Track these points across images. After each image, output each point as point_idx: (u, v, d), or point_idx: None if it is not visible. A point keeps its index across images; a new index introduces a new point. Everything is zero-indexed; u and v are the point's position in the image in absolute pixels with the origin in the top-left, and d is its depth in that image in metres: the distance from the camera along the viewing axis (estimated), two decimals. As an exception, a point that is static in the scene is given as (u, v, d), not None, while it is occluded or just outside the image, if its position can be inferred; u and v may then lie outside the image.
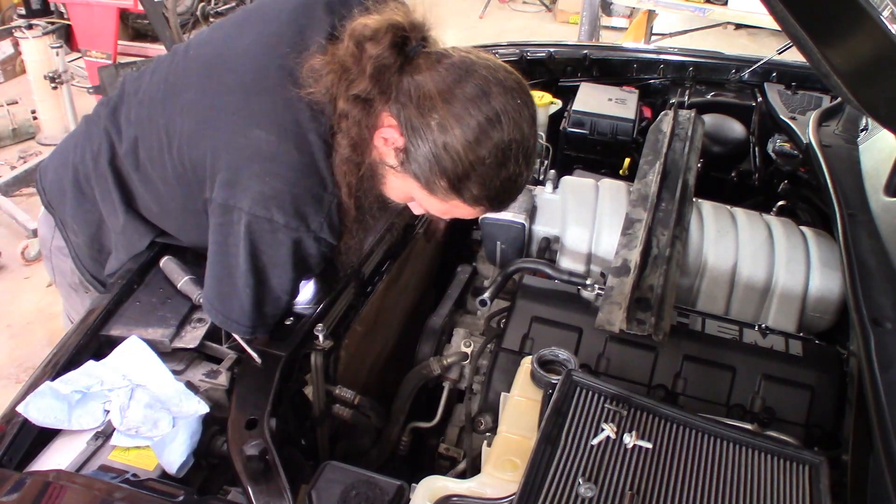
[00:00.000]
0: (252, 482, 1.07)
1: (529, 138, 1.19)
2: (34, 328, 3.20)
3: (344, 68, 1.17)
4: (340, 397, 1.41)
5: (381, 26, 1.15)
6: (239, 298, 1.26)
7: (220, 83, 1.26)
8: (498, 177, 1.18)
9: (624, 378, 1.47)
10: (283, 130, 1.21)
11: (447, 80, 1.15)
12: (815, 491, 1.03)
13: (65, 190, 1.50)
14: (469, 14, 7.39)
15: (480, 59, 1.19)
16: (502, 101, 1.15)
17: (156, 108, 1.33)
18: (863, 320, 1.30)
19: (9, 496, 0.99)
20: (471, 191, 1.19)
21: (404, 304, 1.86)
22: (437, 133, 1.14)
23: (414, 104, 1.15)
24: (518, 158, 1.18)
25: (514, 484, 0.99)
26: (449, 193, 1.20)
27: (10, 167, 4.22)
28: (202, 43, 1.37)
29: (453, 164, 1.15)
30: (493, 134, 1.14)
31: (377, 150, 1.22)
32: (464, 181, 1.17)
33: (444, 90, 1.14)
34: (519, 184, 1.23)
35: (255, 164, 1.20)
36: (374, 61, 1.14)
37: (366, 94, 1.16)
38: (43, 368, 1.25)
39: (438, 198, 1.22)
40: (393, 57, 1.15)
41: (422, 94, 1.14)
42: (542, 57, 2.61)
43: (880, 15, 1.13)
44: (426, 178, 1.18)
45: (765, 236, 1.74)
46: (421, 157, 1.16)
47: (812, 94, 2.48)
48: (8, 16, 5.10)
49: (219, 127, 1.24)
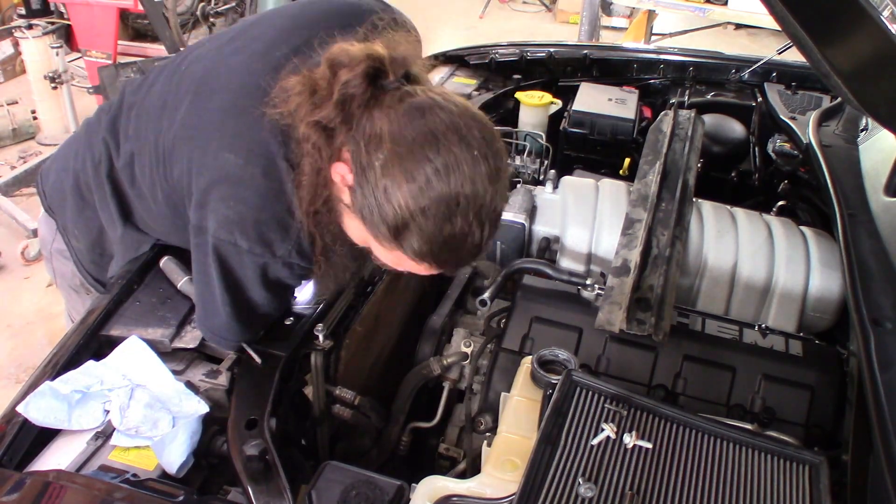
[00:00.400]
0: (252, 482, 1.07)
1: (483, 195, 1.06)
2: (34, 328, 3.20)
3: (313, 91, 1.10)
4: (341, 397, 1.42)
5: (359, 54, 1.07)
6: (220, 315, 1.25)
7: (206, 102, 1.24)
8: (441, 232, 1.06)
9: (624, 378, 1.47)
10: (251, 154, 1.16)
11: (401, 121, 1.05)
12: (815, 491, 1.03)
13: (66, 195, 1.50)
14: (469, 14, 7.38)
15: (447, 103, 1.08)
16: (456, 151, 1.04)
17: (150, 125, 1.32)
18: (863, 320, 1.30)
19: (9, 496, 0.99)
20: (411, 244, 1.08)
21: (404, 304, 1.86)
22: (379, 175, 1.04)
23: (364, 141, 1.06)
24: (468, 215, 1.06)
25: (514, 484, 0.99)
26: (392, 243, 1.09)
27: (10, 167, 4.23)
28: (196, 59, 1.34)
29: (393, 212, 1.05)
30: (437, 185, 1.03)
31: (335, 185, 1.14)
32: (403, 232, 1.07)
33: (394, 131, 1.05)
34: (468, 244, 1.09)
35: (222, 188, 1.17)
36: (341, 88, 1.06)
37: (327, 121, 1.08)
38: (43, 368, 1.25)
39: (384, 247, 1.12)
40: (363, 87, 1.06)
41: (373, 133, 1.06)
42: (542, 57, 2.61)
43: (880, 15, 1.13)
44: (370, 222, 1.09)
45: (765, 236, 1.74)
46: (365, 200, 1.07)
47: (812, 94, 2.49)
48: (8, 16, 5.10)
49: (196, 147, 1.22)
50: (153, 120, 1.32)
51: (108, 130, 1.41)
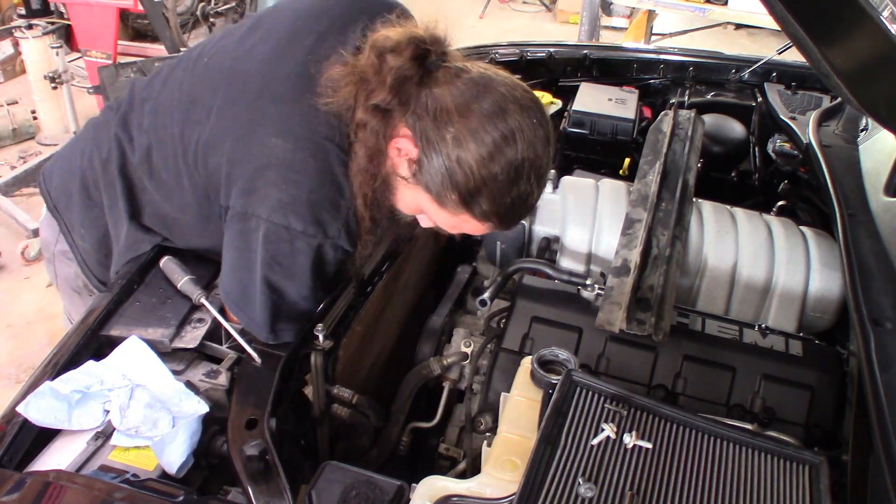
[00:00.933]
0: (252, 482, 1.07)
1: (542, 158, 1.19)
2: (34, 328, 3.20)
3: (363, 79, 1.18)
4: (339, 396, 1.42)
5: (402, 38, 1.16)
6: (258, 302, 1.27)
7: (240, 92, 1.27)
8: (509, 194, 1.18)
9: (624, 378, 1.47)
10: (300, 138, 1.21)
11: (465, 95, 1.15)
12: (815, 491, 1.03)
13: (71, 194, 1.50)
14: (469, 14, 7.39)
15: (499, 77, 1.20)
16: (518, 119, 1.15)
17: (171, 116, 1.34)
18: (863, 320, 1.30)
19: (9, 496, 0.99)
20: (481, 206, 1.19)
21: (404, 304, 1.86)
22: (451, 146, 1.14)
23: (430, 116, 1.15)
24: (530, 177, 1.18)
25: (514, 484, 0.99)
26: (459, 207, 1.20)
27: (10, 167, 4.22)
28: (217, 52, 1.36)
29: (465, 179, 1.15)
30: (507, 151, 1.15)
31: (391, 161, 1.22)
32: (475, 196, 1.17)
33: (461, 105, 1.15)
34: (529, 203, 1.23)
35: (271, 172, 1.21)
36: (394, 72, 1.15)
37: (385, 104, 1.17)
38: (43, 368, 1.25)
39: (448, 211, 1.22)
40: (413, 69, 1.15)
41: (439, 107, 1.15)
42: (542, 57, 2.60)
43: (880, 15, 1.13)
44: (437, 190, 1.19)
45: (765, 236, 1.74)
46: (434, 169, 1.17)
47: (812, 94, 2.48)
48: (8, 16, 5.10)
49: (236, 136, 1.25)
50: (174, 111, 1.33)
51: (119, 126, 1.42)
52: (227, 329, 1.32)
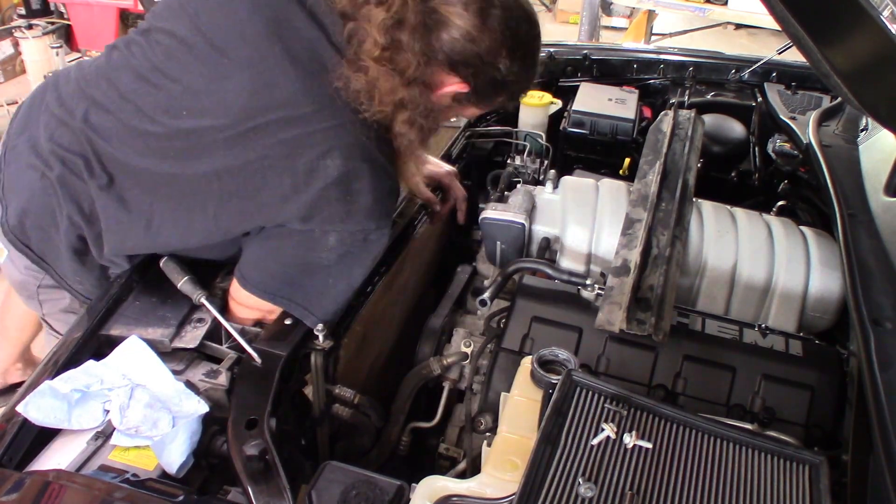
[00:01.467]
0: (252, 482, 1.07)
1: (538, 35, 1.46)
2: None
3: (393, 66, 1.23)
4: (340, 396, 1.41)
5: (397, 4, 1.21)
6: (324, 292, 1.35)
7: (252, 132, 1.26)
8: (532, 74, 1.47)
9: (624, 378, 1.47)
10: (343, 147, 1.24)
11: (474, 21, 1.25)
12: (815, 491, 1.03)
13: (60, 252, 1.43)
14: (469, 14, 7.37)
15: None
16: (526, 27, 1.37)
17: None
18: (863, 320, 1.30)
19: (9, 496, 0.99)
20: (511, 93, 1.46)
21: (404, 304, 1.86)
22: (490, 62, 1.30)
23: (463, 53, 1.27)
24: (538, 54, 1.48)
25: (514, 484, 0.98)
26: (499, 91, 1.39)
27: (9, 167, 4.22)
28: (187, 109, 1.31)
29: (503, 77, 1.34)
30: (527, 39, 1.39)
31: (443, 104, 1.36)
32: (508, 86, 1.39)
33: (477, 24, 1.25)
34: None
35: (332, 191, 1.24)
36: (418, 43, 1.23)
37: (419, 73, 1.25)
38: (43, 368, 1.25)
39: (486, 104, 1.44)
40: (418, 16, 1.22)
41: (459, 37, 1.25)
42: (542, 57, 2.60)
43: (880, 15, 1.13)
44: (485, 95, 1.38)
45: (765, 236, 1.74)
46: (485, 84, 1.34)
47: (812, 94, 2.49)
48: (8, 16, 5.09)
49: (278, 169, 1.25)
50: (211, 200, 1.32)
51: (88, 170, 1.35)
52: (227, 329, 1.32)
